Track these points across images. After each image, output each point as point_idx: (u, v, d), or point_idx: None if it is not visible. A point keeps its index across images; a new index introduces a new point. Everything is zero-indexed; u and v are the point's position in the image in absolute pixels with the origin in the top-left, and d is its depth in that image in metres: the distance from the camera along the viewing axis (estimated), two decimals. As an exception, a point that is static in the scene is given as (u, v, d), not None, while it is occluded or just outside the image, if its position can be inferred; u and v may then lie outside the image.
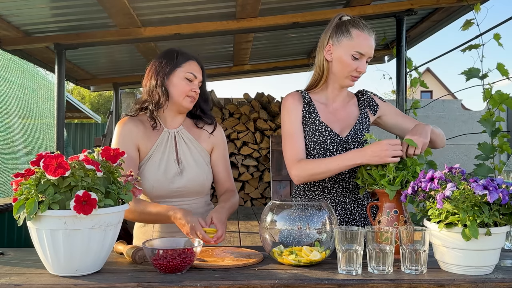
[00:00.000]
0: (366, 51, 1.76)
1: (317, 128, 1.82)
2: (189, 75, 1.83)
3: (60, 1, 3.18)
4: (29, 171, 1.28)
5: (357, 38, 1.76)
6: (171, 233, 1.80)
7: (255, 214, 5.37)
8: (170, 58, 1.85)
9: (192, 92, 1.84)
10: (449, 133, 6.16)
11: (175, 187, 1.81)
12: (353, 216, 1.86)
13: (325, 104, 1.88)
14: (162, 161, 1.82)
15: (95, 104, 23.86)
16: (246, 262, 1.45)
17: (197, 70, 1.88)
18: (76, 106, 11.12)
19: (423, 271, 1.34)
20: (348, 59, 1.76)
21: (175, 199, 1.83)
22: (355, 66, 1.77)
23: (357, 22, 1.79)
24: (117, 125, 1.85)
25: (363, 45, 1.75)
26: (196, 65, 1.89)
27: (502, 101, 3.03)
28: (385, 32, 4.81)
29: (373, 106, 1.92)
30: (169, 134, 1.88)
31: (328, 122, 1.84)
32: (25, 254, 1.56)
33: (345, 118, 1.87)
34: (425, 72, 24.95)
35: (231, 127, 6.20)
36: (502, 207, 1.30)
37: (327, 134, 1.81)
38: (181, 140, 1.89)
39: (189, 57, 1.88)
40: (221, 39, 4.56)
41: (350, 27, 1.78)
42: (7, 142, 5.92)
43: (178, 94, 1.83)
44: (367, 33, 1.78)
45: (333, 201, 1.85)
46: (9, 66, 6.02)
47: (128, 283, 1.25)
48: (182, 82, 1.83)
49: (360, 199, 1.88)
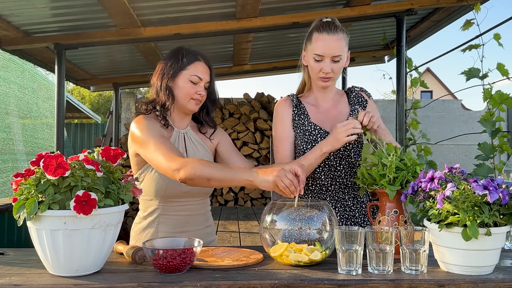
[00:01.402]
0: (324, 52, 1.80)
1: (307, 128, 1.90)
2: (193, 77, 1.81)
3: (60, 1, 3.18)
4: (29, 171, 1.28)
5: (315, 41, 1.83)
6: (172, 234, 1.81)
7: (255, 214, 5.37)
8: (175, 60, 1.83)
9: (197, 95, 1.82)
10: (449, 133, 6.18)
11: (186, 188, 1.76)
12: (352, 213, 1.90)
13: (315, 105, 1.97)
14: None
15: (95, 104, 23.86)
16: (246, 262, 1.44)
17: (203, 71, 1.84)
18: (76, 106, 11.12)
19: (423, 271, 1.34)
20: (312, 62, 1.85)
21: (185, 199, 1.83)
22: (319, 67, 1.83)
23: (320, 25, 1.84)
24: (138, 120, 1.78)
25: (319, 47, 1.81)
26: (203, 65, 1.85)
27: (502, 101, 3.03)
28: (385, 32, 4.81)
29: (362, 102, 1.99)
30: (179, 134, 1.88)
31: (319, 122, 1.92)
32: (25, 254, 1.56)
33: (336, 116, 1.93)
34: (425, 72, 24.95)
35: (231, 127, 6.20)
36: (502, 207, 1.30)
37: (316, 132, 1.89)
38: (190, 141, 1.89)
39: (195, 58, 1.84)
40: (221, 39, 4.56)
41: (313, 31, 1.85)
42: (7, 142, 5.92)
43: (183, 97, 1.82)
44: (327, 34, 1.81)
45: (332, 198, 1.89)
46: (9, 66, 6.02)
47: (128, 283, 1.25)
48: (186, 84, 1.80)
49: (359, 196, 1.94)
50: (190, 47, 1.89)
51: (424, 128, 5.12)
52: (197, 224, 1.86)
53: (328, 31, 1.81)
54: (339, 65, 1.83)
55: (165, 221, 1.82)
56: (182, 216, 1.83)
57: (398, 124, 3.74)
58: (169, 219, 1.82)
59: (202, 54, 1.87)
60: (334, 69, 1.83)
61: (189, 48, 1.87)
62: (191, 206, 1.83)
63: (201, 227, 1.88)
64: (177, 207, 1.82)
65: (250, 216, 5.25)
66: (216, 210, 5.66)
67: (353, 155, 1.89)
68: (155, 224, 1.83)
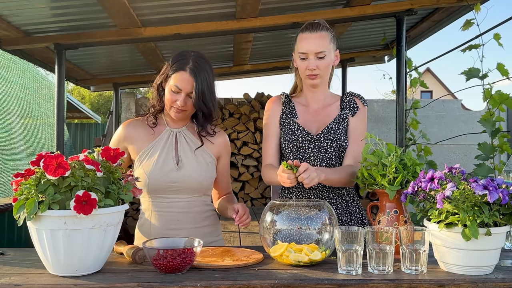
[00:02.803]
0: (308, 50, 1.85)
1: (290, 127, 1.94)
2: (173, 87, 1.81)
3: (60, 1, 3.18)
4: (29, 171, 1.28)
5: (299, 41, 1.89)
6: (168, 230, 1.83)
7: (255, 214, 5.37)
8: (169, 65, 1.86)
9: (176, 103, 1.82)
10: (449, 133, 6.18)
11: (171, 182, 1.83)
12: (338, 211, 1.92)
13: (305, 105, 2.00)
14: (160, 156, 1.85)
15: (95, 104, 23.86)
16: (246, 262, 1.45)
17: (185, 81, 1.78)
18: (76, 106, 11.12)
19: (423, 271, 1.34)
20: (299, 62, 1.91)
21: (172, 194, 1.85)
22: (305, 65, 1.88)
23: (304, 26, 1.90)
24: (120, 127, 1.96)
25: (302, 45, 1.87)
26: (187, 76, 1.78)
27: (502, 101, 3.03)
28: (385, 32, 4.81)
29: (353, 108, 1.98)
30: (171, 133, 1.92)
31: (305, 122, 1.95)
32: (25, 254, 1.56)
33: (323, 118, 1.96)
34: (425, 72, 24.95)
35: (231, 127, 6.20)
36: (502, 207, 1.30)
37: (299, 133, 1.92)
38: (182, 139, 1.92)
39: (181, 67, 1.80)
40: (221, 39, 4.56)
41: (298, 33, 1.91)
42: (7, 142, 5.91)
43: (166, 103, 1.87)
44: (309, 33, 1.86)
45: (317, 196, 1.93)
46: (10, 66, 6.01)
47: (128, 283, 1.25)
48: (169, 92, 1.84)
49: (344, 194, 1.96)
50: (191, 53, 1.85)
51: (424, 128, 5.12)
52: (190, 223, 1.87)
53: (311, 29, 1.86)
54: (324, 62, 1.86)
55: (156, 217, 1.86)
56: (172, 213, 1.86)
57: (398, 124, 3.74)
58: (160, 215, 1.86)
59: (191, 64, 1.80)
60: (320, 66, 1.86)
61: (186, 55, 1.83)
62: (181, 203, 1.86)
63: (196, 226, 1.88)
64: (166, 203, 1.85)
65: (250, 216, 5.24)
66: (216, 210, 5.65)
67: (334, 157, 1.91)
68: (149, 220, 1.88)
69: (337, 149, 1.89)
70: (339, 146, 1.89)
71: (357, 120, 1.96)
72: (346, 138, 1.92)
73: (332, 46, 1.88)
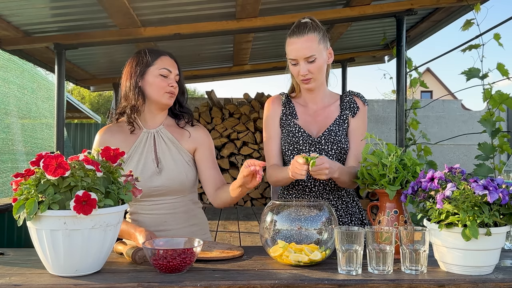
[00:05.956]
0: (296, 56, 1.81)
1: (291, 129, 1.91)
2: (163, 71, 1.84)
3: (60, 1, 3.18)
4: (29, 171, 1.28)
5: (288, 46, 1.84)
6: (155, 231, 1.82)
7: (255, 214, 5.38)
8: (140, 59, 1.86)
9: (169, 87, 1.84)
10: (449, 133, 6.18)
11: (153, 186, 1.81)
12: (338, 212, 1.91)
13: (304, 106, 1.97)
14: (140, 161, 1.84)
15: (95, 104, 23.86)
16: (233, 254, 1.53)
17: (171, 64, 1.87)
18: (76, 106, 11.11)
19: (423, 271, 1.34)
20: (290, 67, 1.86)
21: (156, 198, 1.84)
22: (296, 71, 1.84)
23: (291, 29, 1.85)
24: (96, 135, 1.89)
25: (291, 51, 1.82)
26: (169, 59, 1.88)
27: (502, 101, 3.04)
28: (385, 32, 4.82)
29: (353, 108, 1.94)
30: (148, 135, 1.89)
31: (305, 123, 1.92)
32: (25, 254, 1.56)
33: (323, 119, 1.93)
34: (425, 72, 24.95)
35: (231, 127, 6.20)
36: (502, 207, 1.30)
37: (299, 135, 1.89)
38: (160, 140, 1.89)
39: (160, 53, 1.88)
40: (221, 39, 4.57)
41: (287, 37, 1.86)
42: (6, 142, 5.91)
43: (156, 92, 1.84)
44: (296, 37, 1.81)
45: (317, 199, 1.90)
46: (9, 66, 6.01)
47: (128, 283, 1.25)
48: (157, 79, 1.83)
49: (343, 196, 1.94)
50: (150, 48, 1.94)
51: (424, 128, 5.13)
52: (176, 223, 1.86)
53: (297, 34, 1.80)
54: (315, 65, 1.80)
55: (142, 220, 1.85)
56: (158, 215, 1.84)
57: (398, 124, 3.75)
58: (145, 218, 1.85)
59: (166, 50, 1.92)
60: (311, 70, 1.81)
61: (150, 48, 1.92)
62: (166, 204, 1.84)
63: (182, 226, 1.87)
64: (151, 206, 1.84)
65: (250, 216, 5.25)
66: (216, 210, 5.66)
67: (334, 159, 1.88)
68: (136, 223, 1.85)
69: (338, 151, 1.87)
70: (340, 148, 1.87)
71: (358, 120, 1.93)
72: (347, 140, 1.90)
73: (323, 46, 1.82)
